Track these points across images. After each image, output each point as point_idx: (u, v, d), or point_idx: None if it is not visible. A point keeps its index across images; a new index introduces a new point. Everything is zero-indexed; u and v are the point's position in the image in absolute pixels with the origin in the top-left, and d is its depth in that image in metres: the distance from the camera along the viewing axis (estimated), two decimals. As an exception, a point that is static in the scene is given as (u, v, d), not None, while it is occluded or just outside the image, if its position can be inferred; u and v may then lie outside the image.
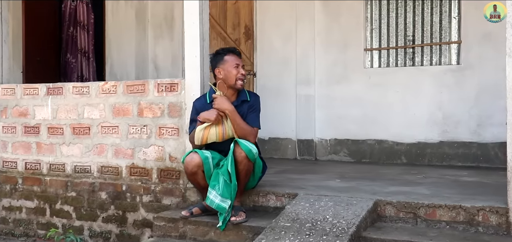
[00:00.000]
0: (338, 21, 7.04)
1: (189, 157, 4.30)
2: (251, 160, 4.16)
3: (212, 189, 4.19)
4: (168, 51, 8.24)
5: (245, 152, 4.10)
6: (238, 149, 4.11)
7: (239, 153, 4.11)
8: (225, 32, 7.78)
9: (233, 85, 4.35)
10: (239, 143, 4.13)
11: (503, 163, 6.20)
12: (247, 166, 4.17)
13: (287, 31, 7.31)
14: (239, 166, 4.15)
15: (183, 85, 4.87)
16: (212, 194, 4.17)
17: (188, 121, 4.77)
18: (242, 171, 4.17)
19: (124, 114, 5.18)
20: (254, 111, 4.42)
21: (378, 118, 6.81)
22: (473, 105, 6.33)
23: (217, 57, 4.43)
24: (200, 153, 4.27)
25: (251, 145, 4.17)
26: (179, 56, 8.14)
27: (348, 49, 6.99)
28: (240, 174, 4.18)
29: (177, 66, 8.13)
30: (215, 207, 4.14)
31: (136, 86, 5.13)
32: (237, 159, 4.13)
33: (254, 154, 4.16)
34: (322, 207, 4.04)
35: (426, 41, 6.65)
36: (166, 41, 8.27)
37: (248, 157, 4.11)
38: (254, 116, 4.40)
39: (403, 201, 4.03)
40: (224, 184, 4.14)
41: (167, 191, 4.97)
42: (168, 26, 8.27)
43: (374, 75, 6.88)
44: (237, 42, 7.70)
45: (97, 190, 5.34)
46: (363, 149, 6.91)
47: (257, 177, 4.44)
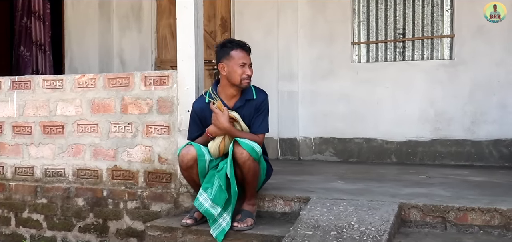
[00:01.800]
0: (324, 13, 6.67)
1: (185, 149, 3.81)
2: (256, 160, 3.69)
3: (204, 191, 3.76)
4: (136, 44, 7.65)
5: (247, 151, 3.63)
6: (239, 149, 3.65)
7: (240, 154, 3.64)
8: (199, 24, 7.27)
9: (237, 85, 3.86)
10: (239, 142, 3.65)
11: (497, 161, 6.05)
12: (253, 167, 3.70)
13: (268, 23, 6.88)
14: (243, 168, 3.68)
15: (175, 78, 4.37)
16: (202, 196, 3.74)
17: (180, 117, 4.31)
18: (248, 173, 3.71)
19: (105, 110, 4.61)
20: (261, 113, 3.93)
21: (366, 115, 6.49)
22: (466, 101, 6.10)
23: (222, 50, 3.92)
24: (197, 146, 3.80)
25: (252, 142, 3.71)
26: (148, 49, 7.59)
27: (334, 43, 6.63)
28: (246, 176, 3.73)
29: (146, 60, 7.57)
30: (202, 212, 3.72)
31: (119, 79, 4.58)
32: (239, 161, 3.66)
33: (258, 152, 3.70)
34: (343, 212, 3.64)
35: (417, 34, 6.38)
36: (133, 33, 7.67)
37: (252, 156, 3.65)
38: (262, 119, 3.92)
39: (430, 204, 3.68)
40: (218, 189, 3.69)
41: (156, 196, 4.45)
42: (135, 17, 7.67)
43: (362, 71, 6.55)
44: (212, 35, 7.21)
45: (73, 196, 4.74)
46: (350, 148, 6.58)
47: (260, 181, 3.98)
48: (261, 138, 3.91)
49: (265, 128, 3.94)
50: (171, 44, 7.44)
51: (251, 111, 3.91)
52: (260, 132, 3.90)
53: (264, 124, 3.94)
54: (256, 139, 3.83)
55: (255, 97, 3.93)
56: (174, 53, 7.42)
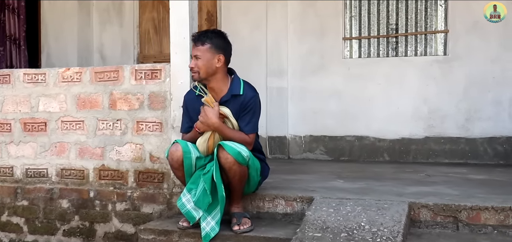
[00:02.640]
0: (314, 7, 6.47)
1: (173, 147, 3.57)
2: (243, 164, 3.43)
3: (188, 191, 3.53)
4: (117, 38, 7.35)
5: (232, 156, 3.36)
6: (224, 153, 3.38)
7: (225, 159, 3.38)
8: (184, 18, 7.01)
9: None
10: (224, 146, 3.38)
11: (492, 159, 5.94)
12: (239, 172, 3.46)
13: (256, 17, 6.66)
14: (228, 173, 3.44)
15: (168, 71, 4.11)
16: (185, 197, 3.52)
17: (173, 113, 4.07)
18: (233, 178, 3.47)
19: (92, 106, 4.33)
20: (248, 112, 3.61)
21: (358, 113, 6.32)
22: (461, 98, 5.98)
23: None
24: (183, 143, 3.55)
25: (239, 146, 3.43)
26: (130, 44, 7.30)
27: (325, 38, 6.45)
28: (232, 181, 3.50)
29: (127, 55, 7.28)
30: (183, 213, 3.51)
31: (107, 73, 4.30)
32: (224, 166, 3.41)
33: (245, 156, 3.42)
34: (351, 212, 3.45)
35: (411, 30, 6.23)
36: (114, 27, 7.37)
37: (237, 161, 3.38)
38: (248, 119, 3.61)
39: (441, 204, 3.50)
40: (202, 192, 3.45)
41: (147, 197, 4.19)
42: (116, 10, 7.36)
43: (353, 66, 6.38)
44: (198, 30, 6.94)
45: (57, 198, 4.45)
46: (342, 146, 6.40)
47: (254, 183, 3.71)
48: (251, 138, 3.63)
49: (252, 128, 3.63)
50: (154, 39, 7.17)
51: (237, 109, 3.62)
52: (246, 132, 3.60)
53: (250, 124, 3.62)
54: (246, 139, 3.57)
55: (242, 94, 3.62)
56: (158, 49, 7.27)
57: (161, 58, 7.06)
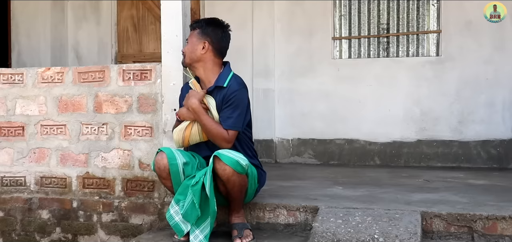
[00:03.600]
0: (302, 5, 6.25)
1: (158, 156, 3.28)
2: (242, 173, 3.16)
3: (176, 203, 3.25)
4: (94, 37, 7.00)
5: (230, 166, 3.08)
6: (221, 164, 3.09)
7: (222, 170, 3.10)
8: (166, 16, 6.70)
9: None
10: (220, 156, 3.08)
11: (485, 162, 5.81)
12: (239, 181, 3.19)
13: (241, 15, 6.39)
14: (227, 185, 3.17)
15: (159, 72, 3.83)
16: (173, 209, 3.25)
17: (165, 117, 3.79)
18: (232, 189, 3.20)
19: (75, 109, 4.01)
20: (230, 106, 3.30)
21: (348, 115, 6.12)
22: (453, 100, 5.84)
23: None
24: (167, 150, 3.27)
25: (237, 154, 3.16)
26: (107, 43, 6.96)
27: (314, 38, 6.23)
28: (231, 192, 3.23)
29: (105, 55, 6.93)
30: (172, 226, 3.26)
31: (92, 73, 3.99)
32: (222, 178, 3.13)
33: (244, 165, 3.14)
34: (361, 223, 3.22)
35: (402, 30, 6.07)
36: (91, 25, 7.01)
37: (236, 171, 3.11)
38: (228, 114, 3.29)
39: (455, 213, 3.31)
40: (190, 205, 3.16)
41: (136, 208, 3.89)
42: (93, 7, 7.00)
43: (343, 67, 6.18)
44: (180, 28, 6.65)
45: (36, 208, 4.11)
46: (331, 150, 6.19)
47: (252, 191, 3.45)
48: (230, 135, 3.29)
49: (231, 124, 3.29)
50: (133, 37, 6.84)
51: (220, 101, 3.34)
52: (225, 127, 3.29)
53: (230, 119, 3.29)
54: (223, 134, 3.26)
55: (225, 86, 3.35)
56: (137, 48, 6.93)
57: (141, 57, 6.75)
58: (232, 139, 3.31)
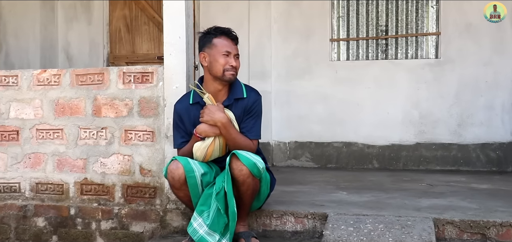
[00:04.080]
0: (299, 6, 6.16)
1: (173, 165, 3.15)
2: (257, 177, 3.10)
3: (199, 215, 3.12)
4: (85, 37, 6.83)
5: (247, 167, 3.02)
6: (238, 164, 3.03)
7: (239, 170, 3.03)
8: (159, 16, 6.55)
9: (219, 77, 3.25)
10: (238, 155, 3.03)
11: (484, 165, 5.76)
12: (253, 185, 3.12)
13: (237, 16, 6.27)
14: (241, 187, 3.08)
15: (161, 74, 3.70)
16: (197, 222, 3.11)
17: (167, 121, 3.65)
18: (245, 192, 3.12)
19: (72, 113, 3.86)
20: (252, 116, 3.31)
21: (346, 118, 6.05)
22: (453, 103, 5.79)
23: (205, 38, 3.34)
24: (184, 161, 3.15)
25: (255, 156, 3.11)
26: (99, 44, 6.80)
27: (311, 39, 6.14)
28: (243, 196, 3.14)
29: (96, 56, 6.77)
30: (196, 240, 3.10)
31: (90, 75, 3.84)
32: (237, 178, 3.06)
33: (261, 168, 3.09)
34: (373, 231, 3.13)
35: (401, 32, 6.01)
36: (82, 25, 6.84)
37: (252, 173, 3.04)
38: (252, 124, 3.29)
39: (468, 220, 3.23)
40: (216, 213, 3.07)
41: (137, 215, 3.75)
42: (84, 7, 6.84)
43: (341, 69, 6.10)
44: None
45: (31, 216, 3.96)
46: (329, 153, 6.10)
47: (264, 197, 3.39)
48: (255, 144, 3.31)
49: (256, 133, 3.32)
50: (126, 38, 6.70)
51: (240, 113, 3.29)
52: (250, 138, 3.28)
53: (255, 128, 3.31)
54: (250, 144, 3.24)
55: (246, 96, 3.31)
56: (130, 48, 6.78)
57: (134, 59, 6.61)
58: (256, 148, 3.31)
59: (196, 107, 3.28)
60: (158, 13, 6.55)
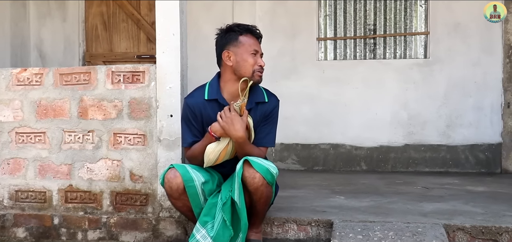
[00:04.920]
0: (285, 5, 5.98)
1: (170, 173, 2.96)
2: (270, 183, 2.92)
3: (202, 226, 2.93)
4: (59, 34, 6.49)
5: (261, 173, 2.84)
6: (251, 171, 2.84)
7: (252, 178, 2.84)
8: (139, 13, 6.29)
9: (248, 77, 3.05)
10: (251, 162, 2.85)
11: (473, 167, 5.69)
12: (266, 192, 2.94)
13: (220, 14, 6.04)
14: (254, 195, 2.90)
15: (153, 74, 3.47)
16: (200, 233, 2.92)
17: (160, 124, 3.43)
18: (259, 200, 2.94)
19: (56, 115, 3.60)
20: (270, 122, 3.17)
21: (333, 119, 5.89)
22: (441, 104, 5.70)
23: (228, 35, 3.12)
24: (182, 169, 2.95)
25: (267, 162, 2.94)
26: (74, 42, 6.48)
27: (298, 38, 5.96)
28: (257, 204, 2.96)
29: (72, 54, 6.46)
30: None
31: (76, 75, 3.58)
32: (249, 187, 2.87)
33: (274, 174, 2.92)
34: (383, 238, 2.98)
35: (389, 31, 5.88)
36: (56, 21, 6.50)
37: (266, 180, 2.86)
38: (269, 130, 3.15)
39: (479, 226, 3.12)
40: (221, 225, 2.89)
41: (127, 224, 3.51)
42: (58, 3, 6.50)
43: (328, 69, 5.95)
44: (154, 27, 6.13)
45: (10, 226, 3.67)
46: (316, 155, 5.94)
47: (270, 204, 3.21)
48: (263, 151, 3.15)
49: (271, 140, 3.19)
50: (103, 36, 6.40)
51: (259, 118, 3.12)
52: (264, 144, 3.15)
53: (271, 135, 3.18)
54: (258, 152, 3.06)
55: (267, 101, 3.15)
56: (108, 47, 6.48)
57: (112, 57, 6.32)
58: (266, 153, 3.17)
59: (213, 104, 3.07)
60: (137, 10, 6.28)
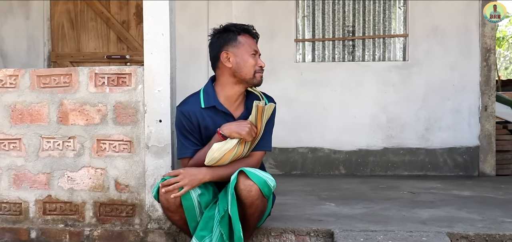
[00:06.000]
0: (262, 5, 5.83)
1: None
2: (267, 196, 2.76)
3: (199, 240, 2.76)
4: (22, 33, 6.14)
5: (258, 185, 2.66)
6: (248, 182, 2.65)
7: (248, 191, 2.66)
8: (108, 12, 6.01)
9: (248, 80, 2.90)
10: (247, 173, 2.66)
11: (452, 170, 5.69)
12: (261, 206, 2.78)
13: (195, 14, 5.86)
14: (248, 208, 2.72)
15: (140, 76, 3.25)
16: None
17: (148, 129, 3.23)
18: (252, 214, 2.77)
19: (33, 120, 3.33)
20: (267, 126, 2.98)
21: (311, 122, 5.78)
22: (420, 107, 5.67)
23: (226, 35, 2.93)
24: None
25: (264, 173, 2.75)
26: (39, 41, 6.16)
27: (275, 39, 5.82)
28: (250, 217, 2.79)
29: (36, 53, 6.13)
30: None
31: (55, 77, 3.32)
32: (245, 200, 2.68)
33: (272, 187, 2.74)
34: (389, 250, 2.87)
35: (368, 33, 5.82)
36: (18, 19, 6.14)
37: (262, 192, 2.69)
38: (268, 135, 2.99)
39: (483, 234, 3.05)
40: (219, 240, 2.73)
41: (112, 236, 3.28)
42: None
43: (306, 71, 5.83)
44: (125, 26, 6.01)
45: (-19, 240, 3.39)
46: (294, 159, 5.81)
47: (265, 216, 3.08)
48: (257, 157, 2.96)
49: (268, 144, 3.02)
50: (70, 35, 6.09)
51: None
52: (261, 149, 2.96)
53: (267, 139, 3.00)
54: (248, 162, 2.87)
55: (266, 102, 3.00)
56: (75, 46, 6.17)
57: (80, 57, 6.03)
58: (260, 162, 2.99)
59: (210, 112, 2.89)
60: (106, 8, 6.00)
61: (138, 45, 5.95)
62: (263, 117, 2.88)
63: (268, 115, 2.93)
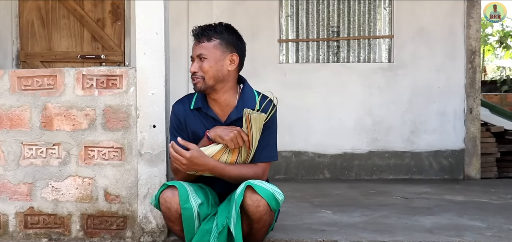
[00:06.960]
0: (244, 4, 5.64)
1: (167, 192, 2.55)
2: (274, 210, 2.55)
3: None
4: (-12, 31, 5.79)
5: (266, 199, 2.45)
6: (255, 197, 2.44)
7: (256, 206, 2.45)
8: (82, 9, 5.70)
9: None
10: (255, 187, 2.45)
11: (437, 173, 5.62)
12: (269, 221, 2.60)
13: (175, 13, 5.45)
14: (255, 223, 2.53)
15: (132, 78, 3.02)
16: None
17: (141, 135, 3.00)
18: (261, 229, 2.59)
19: (13, 125, 3.05)
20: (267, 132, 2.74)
21: (295, 125, 5.61)
22: (406, 109, 5.58)
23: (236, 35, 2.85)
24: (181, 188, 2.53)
25: (272, 186, 2.56)
26: (7, 39, 5.83)
27: (257, 39, 5.61)
28: (257, 233, 2.61)
29: (4, 53, 5.79)
30: None
31: (37, 78, 3.05)
32: (252, 216, 2.49)
33: (280, 201, 2.54)
34: (402, 262, 2.73)
35: (353, 34, 5.69)
36: (-17, 15, 5.79)
37: (270, 207, 2.48)
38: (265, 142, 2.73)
39: (492, 244, 2.95)
40: None
41: (102, 251, 3.05)
42: (-14, -5, 5.80)
43: (290, 73, 5.67)
44: (99, 24, 5.72)
45: (-45, 257, 3.09)
46: (277, 163, 5.59)
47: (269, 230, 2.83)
48: (264, 168, 2.73)
49: (272, 153, 2.77)
50: (41, 33, 5.75)
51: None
52: (263, 160, 2.71)
53: (270, 148, 2.75)
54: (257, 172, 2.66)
55: (259, 109, 2.72)
56: (46, 45, 5.83)
57: (51, 57, 5.71)
58: (266, 172, 2.72)
59: (199, 114, 2.70)
60: (80, 6, 5.69)
61: (114, 45, 5.67)
62: (252, 126, 2.62)
63: (260, 125, 2.66)
